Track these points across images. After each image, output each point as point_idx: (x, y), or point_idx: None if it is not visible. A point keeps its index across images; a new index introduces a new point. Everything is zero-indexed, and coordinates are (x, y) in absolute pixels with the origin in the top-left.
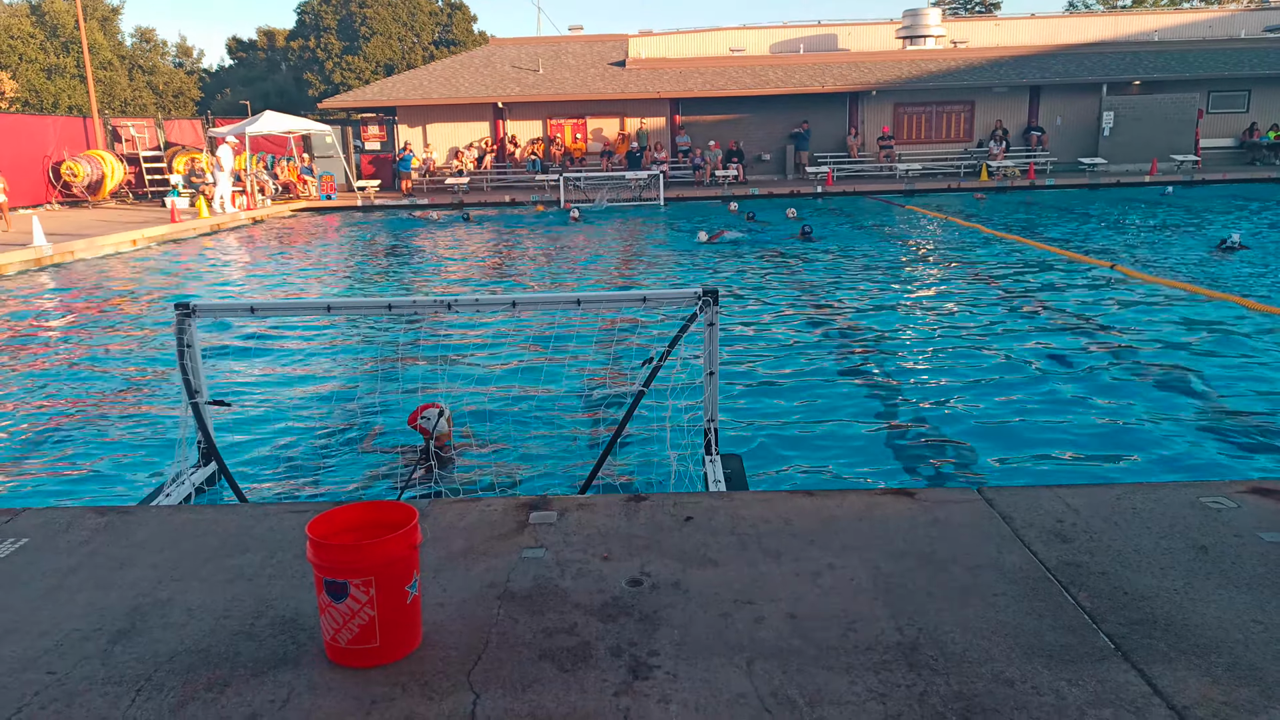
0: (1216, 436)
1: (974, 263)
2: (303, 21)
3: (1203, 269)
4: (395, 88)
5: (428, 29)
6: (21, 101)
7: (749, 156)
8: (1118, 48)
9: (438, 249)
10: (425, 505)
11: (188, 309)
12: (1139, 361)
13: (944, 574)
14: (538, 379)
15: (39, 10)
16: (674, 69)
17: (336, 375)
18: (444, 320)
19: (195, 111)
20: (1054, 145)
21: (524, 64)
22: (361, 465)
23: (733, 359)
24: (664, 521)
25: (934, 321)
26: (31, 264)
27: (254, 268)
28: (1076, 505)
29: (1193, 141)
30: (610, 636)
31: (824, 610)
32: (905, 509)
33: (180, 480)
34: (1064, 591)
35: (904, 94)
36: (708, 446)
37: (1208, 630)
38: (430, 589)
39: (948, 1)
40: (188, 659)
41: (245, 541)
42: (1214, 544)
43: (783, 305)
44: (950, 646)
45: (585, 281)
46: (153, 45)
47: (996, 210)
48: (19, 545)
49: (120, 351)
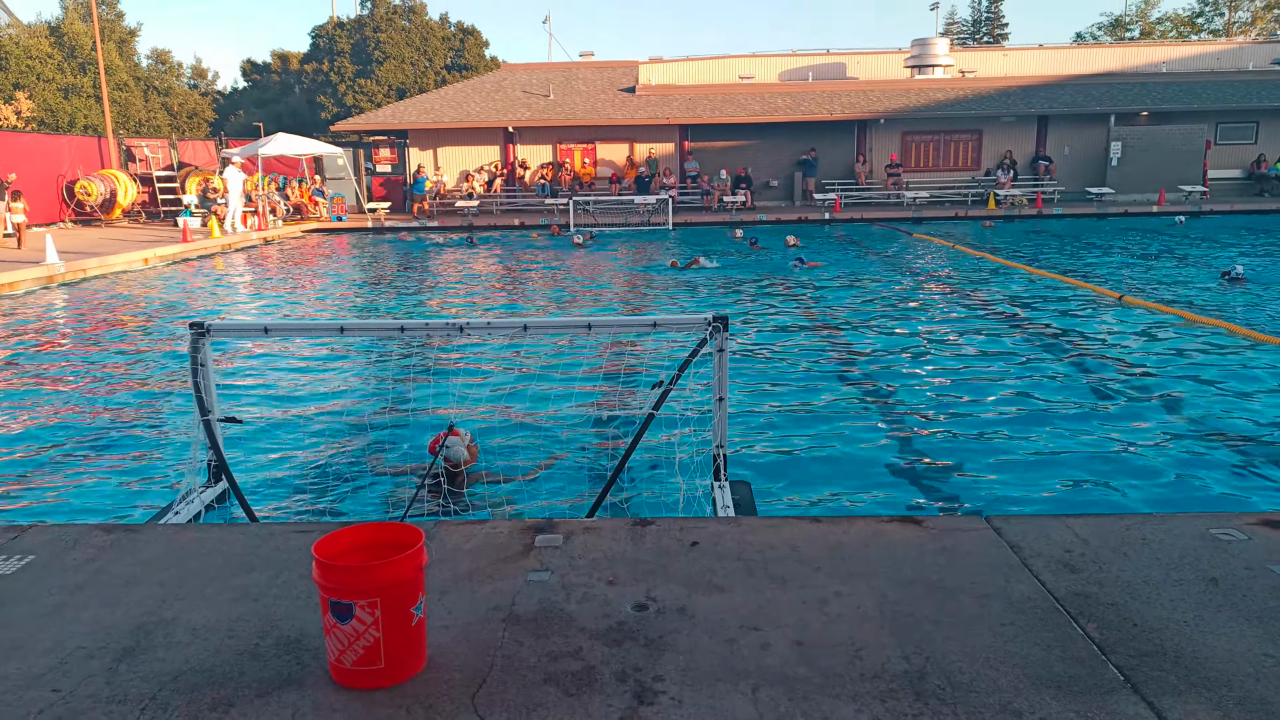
0: (1226, 468)
1: (982, 291)
2: (317, 45)
3: (1209, 299)
4: (407, 111)
5: (440, 54)
6: (38, 121)
7: (757, 183)
8: (1126, 79)
9: (445, 271)
10: (431, 527)
11: (202, 328)
12: (1147, 391)
13: (952, 603)
14: (546, 401)
15: (58, 31)
16: (683, 95)
17: (347, 395)
18: (454, 342)
19: (209, 132)
20: (1062, 175)
21: (535, 89)
22: (370, 485)
23: (742, 385)
24: (670, 546)
25: (942, 349)
26: (44, 281)
27: (264, 288)
28: (1085, 535)
29: (1200, 172)
30: (615, 661)
31: (830, 638)
32: (913, 536)
33: (190, 498)
34: (1073, 622)
35: (912, 122)
36: (716, 472)
37: (1218, 663)
38: (435, 611)
39: (956, 32)
40: (192, 678)
41: (251, 561)
42: (1224, 576)
43: (790, 331)
44: (958, 676)
45: (588, 302)
46: (168, 67)
47: (1004, 239)
48: (25, 562)
49: (130, 369)
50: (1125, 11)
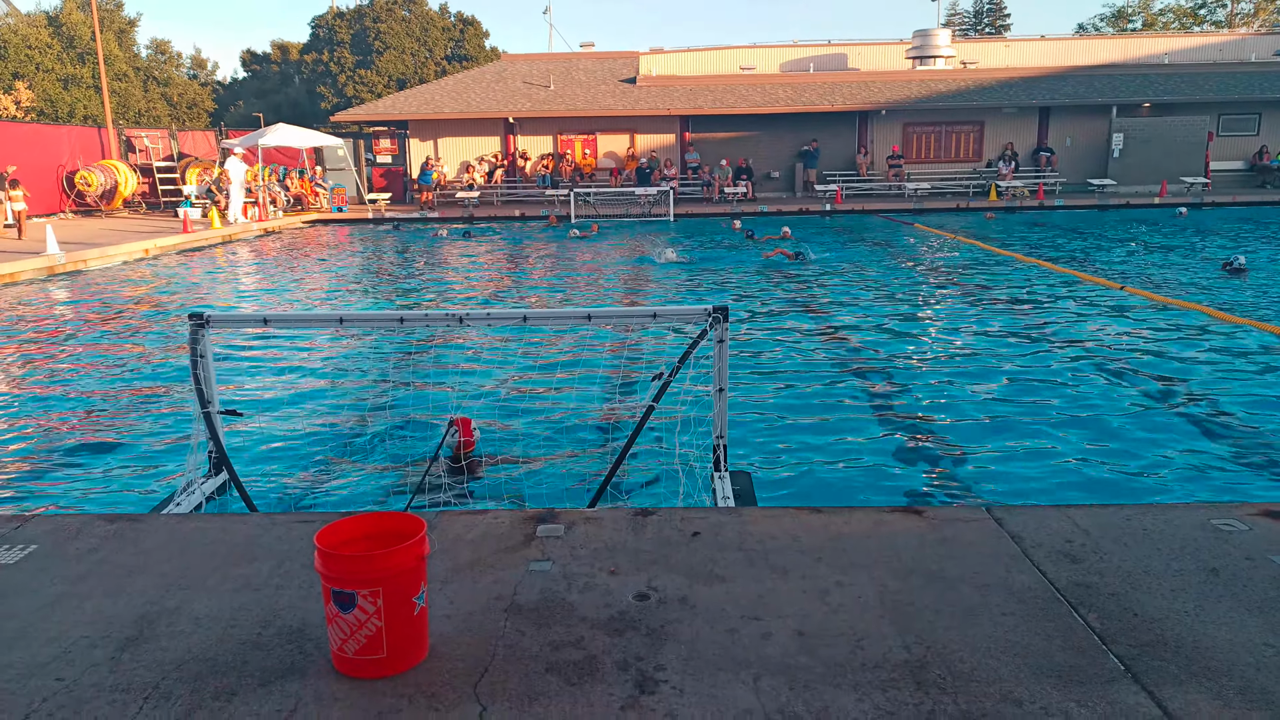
0: (1227, 458)
1: (983, 282)
2: (317, 35)
3: (1211, 289)
4: (407, 101)
5: (440, 44)
6: (38, 111)
7: (758, 174)
8: (1128, 70)
9: (444, 262)
10: (433, 517)
11: (202, 319)
12: (1149, 382)
13: (952, 593)
14: (547, 392)
15: (56, 21)
16: (684, 86)
17: (347, 385)
18: (455, 332)
19: (209, 123)
20: (1063, 166)
21: (535, 80)
22: (371, 475)
23: (742, 376)
24: (671, 536)
25: (943, 340)
26: (45, 272)
27: (264, 278)
28: (1086, 525)
29: (1202, 164)
30: (617, 651)
31: (831, 627)
32: (914, 527)
33: (191, 489)
34: (1073, 612)
35: (913, 114)
36: (717, 463)
37: (1219, 653)
38: (437, 600)
39: (958, 23)
40: (195, 667)
41: (253, 551)
42: (1225, 566)
43: (790, 322)
44: (958, 665)
45: (588, 291)
46: (168, 57)
47: (1006, 230)
48: (28, 551)
49: (131, 360)
50: (1127, 3)
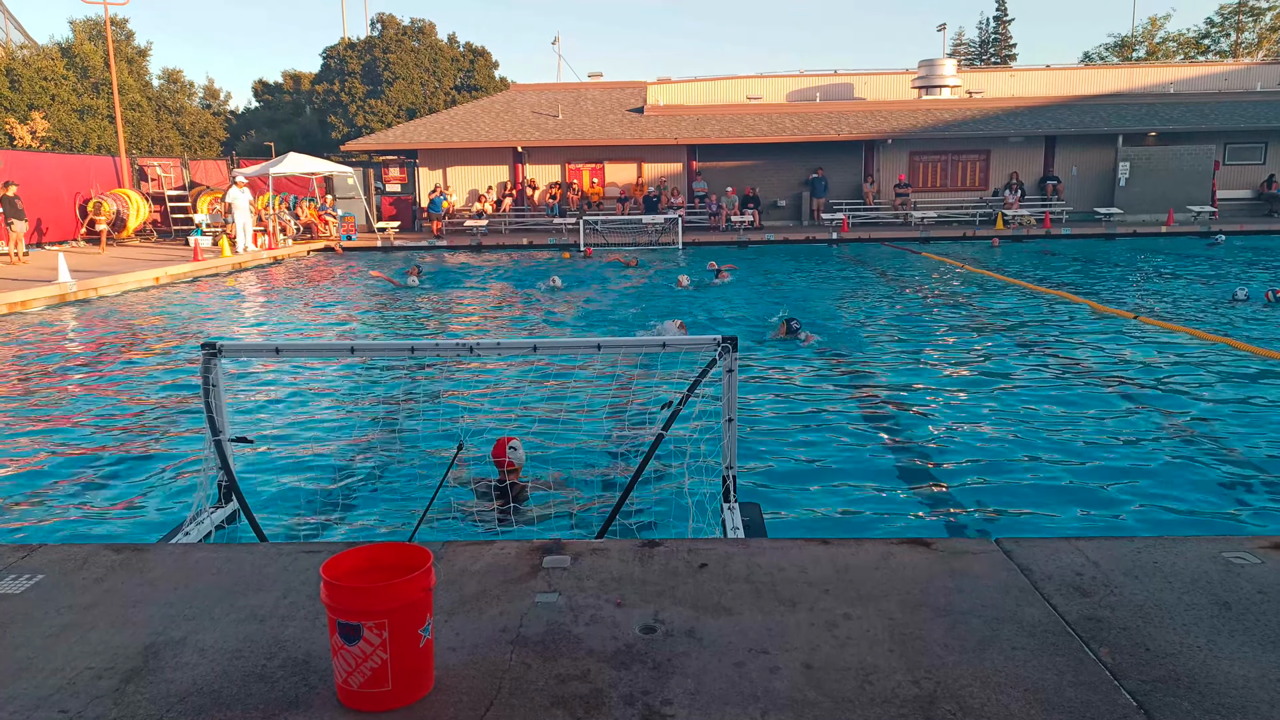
0: (1239, 490)
1: (991, 311)
2: (328, 66)
3: (1221, 320)
4: (417, 131)
5: (450, 74)
6: (53, 141)
7: (765, 202)
8: (1133, 99)
9: (449, 292)
10: (439, 547)
11: (214, 349)
12: (1159, 413)
13: (962, 626)
14: (555, 422)
15: (69, 52)
16: (691, 116)
17: (358, 415)
18: (464, 362)
19: (221, 152)
20: (1070, 195)
21: (544, 109)
22: (381, 505)
23: (751, 406)
24: (678, 568)
25: (950, 370)
26: (56, 300)
27: (274, 307)
28: (1096, 558)
29: (1209, 193)
30: (623, 684)
31: (840, 661)
32: (922, 559)
33: (200, 518)
34: (1084, 646)
35: (919, 143)
36: (726, 494)
37: (1232, 689)
38: (443, 633)
39: (963, 52)
40: (199, 700)
41: (259, 581)
42: (1237, 600)
43: (799, 353)
44: (968, 701)
45: (597, 321)
46: (180, 86)
47: (1012, 259)
48: (34, 581)
49: (141, 388)
50: (1132, 32)
